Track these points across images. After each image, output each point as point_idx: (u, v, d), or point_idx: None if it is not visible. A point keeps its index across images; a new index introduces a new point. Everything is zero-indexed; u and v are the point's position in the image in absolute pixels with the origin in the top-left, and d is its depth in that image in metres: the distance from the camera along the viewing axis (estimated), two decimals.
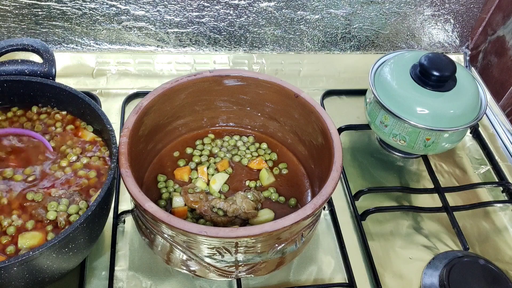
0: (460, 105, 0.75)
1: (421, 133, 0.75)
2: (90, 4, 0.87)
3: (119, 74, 0.94)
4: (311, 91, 0.93)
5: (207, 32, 0.94)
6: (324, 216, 0.76)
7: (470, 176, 0.86)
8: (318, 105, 0.68)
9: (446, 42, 1.05)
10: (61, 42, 0.92)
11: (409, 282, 0.70)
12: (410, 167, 0.86)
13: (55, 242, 0.50)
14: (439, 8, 0.98)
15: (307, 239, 0.64)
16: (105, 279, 0.65)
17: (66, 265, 0.57)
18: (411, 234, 0.76)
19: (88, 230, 0.56)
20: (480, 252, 0.75)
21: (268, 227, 0.53)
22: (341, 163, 0.61)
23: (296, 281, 0.69)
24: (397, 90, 0.76)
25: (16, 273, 0.50)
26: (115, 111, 0.88)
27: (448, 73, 0.74)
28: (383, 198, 0.80)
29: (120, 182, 0.74)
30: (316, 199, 0.56)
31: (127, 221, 0.72)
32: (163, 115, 0.70)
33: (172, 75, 0.95)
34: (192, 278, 0.67)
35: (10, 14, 0.86)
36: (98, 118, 0.63)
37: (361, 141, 0.90)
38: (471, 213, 0.80)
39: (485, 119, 0.97)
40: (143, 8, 0.88)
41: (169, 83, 0.68)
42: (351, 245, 0.73)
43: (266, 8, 0.92)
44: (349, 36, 1.00)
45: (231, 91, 0.73)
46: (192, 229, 0.52)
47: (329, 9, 0.94)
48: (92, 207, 0.54)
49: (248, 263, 0.59)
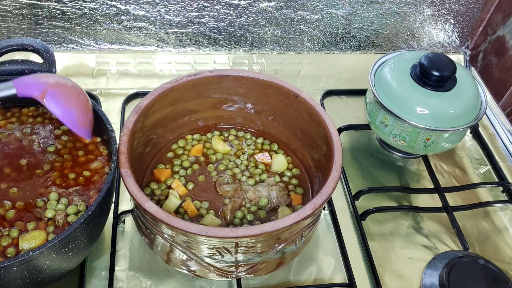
0: (460, 105, 0.75)
1: (421, 133, 0.75)
2: (90, 4, 0.87)
3: (119, 74, 0.94)
4: (311, 91, 0.93)
5: (207, 32, 0.94)
6: (324, 216, 0.76)
7: (470, 176, 0.86)
8: (318, 105, 0.68)
9: (446, 42, 1.05)
10: (61, 42, 0.92)
11: (409, 282, 0.70)
12: (410, 167, 0.86)
13: (55, 242, 0.50)
14: (439, 8, 0.98)
15: (307, 239, 0.64)
16: (105, 279, 0.65)
17: (66, 265, 0.57)
18: (411, 234, 0.76)
19: (88, 230, 0.56)
20: (480, 252, 0.75)
21: (268, 227, 0.53)
22: (341, 163, 0.61)
23: (296, 281, 0.69)
24: (397, 90, 0.76)
25: (16, 273, 0.50)
26: (115, 111, 0.88)
27: (448, 73, 0.74)
28: (383, 198, 0.80)
29: (120, 182, 0.74)
30: (316, 199, 0.56)
31: (127, 221, 0.72)
32: (163, 115, 0.70)
33: (172, 75, 0.95)
34: (192, 278, 0.67)
35: (10, 14, 0.86)
36: (98, 118, 0.63)
37: (361, 141, 0.90)
38: (471, 213, 0.80)
39: (485, 119, 0.97)
40: (143, 8, 0.88)
41: (169, 83, 0.68)
42: (351, 245, 0.73)
43: (266, 8, 0.92)
44: (349, 36, 1.00)
45: (231, 91, 0.73)
46: (192, 229, 0.52)
47: (329, 9, 0.94)
48: (92, 207, 0.54)
49: (248, 263, 0.59)
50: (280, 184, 0.70)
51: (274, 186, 0.69)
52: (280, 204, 0.68)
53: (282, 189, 0.69)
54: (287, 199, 0.69)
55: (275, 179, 0.70)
